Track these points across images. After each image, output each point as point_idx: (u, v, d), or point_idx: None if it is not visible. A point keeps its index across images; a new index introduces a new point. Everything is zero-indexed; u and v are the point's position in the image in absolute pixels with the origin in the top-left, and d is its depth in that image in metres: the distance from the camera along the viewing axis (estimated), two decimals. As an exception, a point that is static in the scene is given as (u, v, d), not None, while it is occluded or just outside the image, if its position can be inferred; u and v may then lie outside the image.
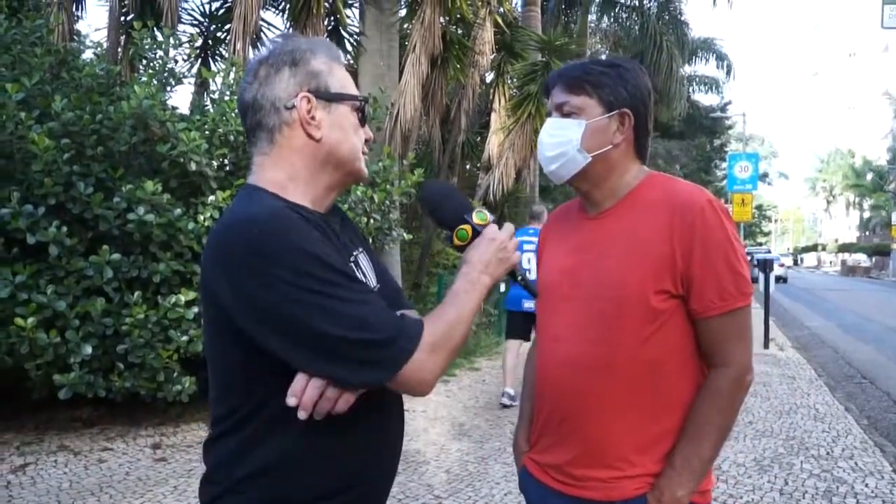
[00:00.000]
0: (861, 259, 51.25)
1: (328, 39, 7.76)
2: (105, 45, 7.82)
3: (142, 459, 4.51)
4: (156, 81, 5.37)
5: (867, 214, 58.19)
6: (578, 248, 1.47)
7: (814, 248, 78.03)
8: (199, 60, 9.20)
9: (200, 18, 9.79)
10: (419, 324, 1.11)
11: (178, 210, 4.73)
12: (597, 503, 1.39)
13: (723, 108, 29.99)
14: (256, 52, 1.26)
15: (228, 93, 5.74)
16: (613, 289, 1.37)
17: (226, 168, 5.32)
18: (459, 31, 10.20)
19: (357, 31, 9.14)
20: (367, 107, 1.30)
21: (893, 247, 44.44)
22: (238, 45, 7.18)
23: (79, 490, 3.96)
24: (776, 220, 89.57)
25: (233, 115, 5.17)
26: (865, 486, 4.17)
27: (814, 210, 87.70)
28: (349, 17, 9.78)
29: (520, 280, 1.32)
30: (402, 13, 9.57)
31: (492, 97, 12.48)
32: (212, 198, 4.94)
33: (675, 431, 1.36)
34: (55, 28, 6.60)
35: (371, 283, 1.28)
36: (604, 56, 17.78)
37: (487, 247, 1.23)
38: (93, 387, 4.60)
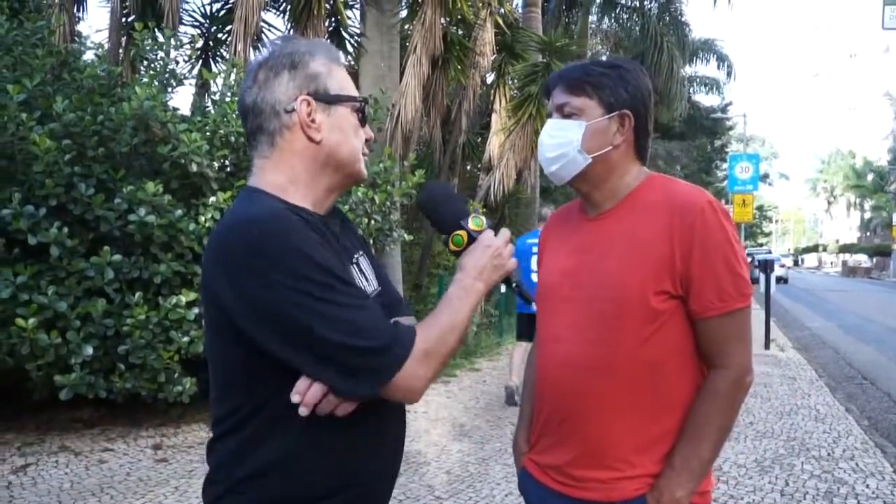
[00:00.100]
0: (862, 260, 51.17)
1: (327, 41, 7.79)
2: (106, 47, 7.83)
3: (143, 460, 4.51)
4: (157, 82, 5.37)
5: (868, 215, 58.16)
6: (579, 249, 1.48)
7: (814, 249, 77.95)
8: (200, 62, 9.19)
9: (201, 20, 9.79)
10: (412, 331, 1.11)
11: (179, 211, 4.74)
12: (596, 504, 1.40)
13: (723, 109, 29.97)
14: (257, 54, 1.26)
15: (229, 94, 5.74)
16: (613, 290, 1.37)
17: (227, 169, 5.33)
18: (460, 32, 10.19)
19: (358, 33, 9.14)
20: (367, 107, 1.30)
21: (894, 247, 44.41)
22: (239, 47, 7.18)
23: (80, 491, 3.97)
24: (777, 221, 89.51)
25: (234, 117, 5.17)
26: (866, 487, 4.17)
27: (814, 211, 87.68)
28: (350, 19, 9.79)
29: (514, 287, 1.32)
30: (403, 14, 9.56)
31: (492, 98, 12.47)
32: (213, 199, 4.95)
33: (675, 432, 1.37)
34: (56, 29, 6.61)
35: (371, 287, 1.28)
36: (604, 57, 17.79)
37: (482, 253, 1.23)
38: (94, 387, 4.61)
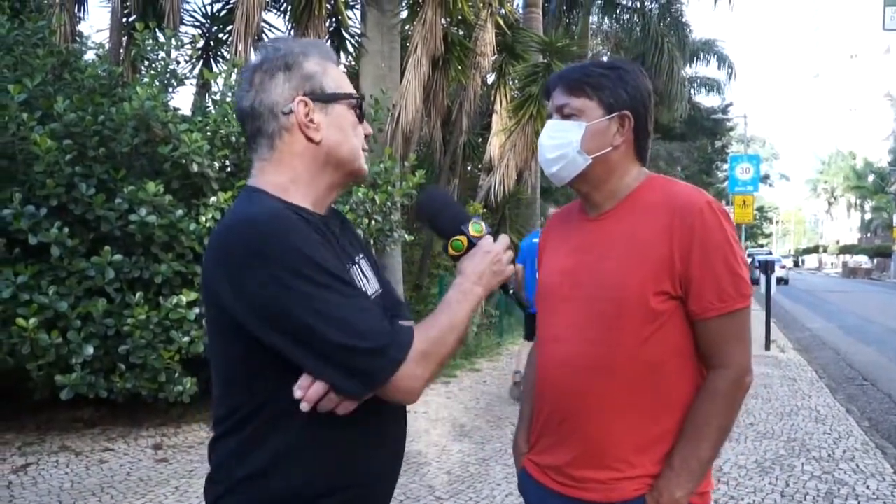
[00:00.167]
0: (862, 261, 51.10)
1: (321, 40, 7.79)
2: (107, 47, 7.84)
3: (143, 460, 4.51)
4: (158, 83, 5.38)
5: (868, 216, 58.10)
6: (579, 250, 1.48)
7: (815, 250, 77.89)
8: (201, 62, 9.20)
9: (202, 20, 9.79)
10: (410, 332, 1.11)
11: (180, 211, 4.74)
12: (596, 504, 1.40)
13: (724, 110, 29.98)
14: (256, 55, 1.26)
15: (230, 94, 5.75)
16: (613, 290, 1.37)
17: (227, 169, 5.33)
18: (461, 33, 10.20)
19: (359, 33, 9.14)
20: (364, 103, 1.30)
21: (895, 248, 44.38)
22: (240, 47, 7.18)
23: (80, 490, 3.97)
24: (777, 222, 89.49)
25: (234, 117, 5.18)
26: (867, 488, 4.17)
27: (815, 212, 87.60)
28: (351, 19, 9.79)
29: (511, 293, 1.33)
30: (404, 15, 9.57)
31: (493, 98, 12.48)
32: (213, 199, 4.95)
33: (675, 432, 1.37)
34: (57, 29, 6.62)
35: (372, 289, 1.28)
36: (605, 58, 17.80)
37: (482, 259, 1.24)
38: (94, 387, 4.61)
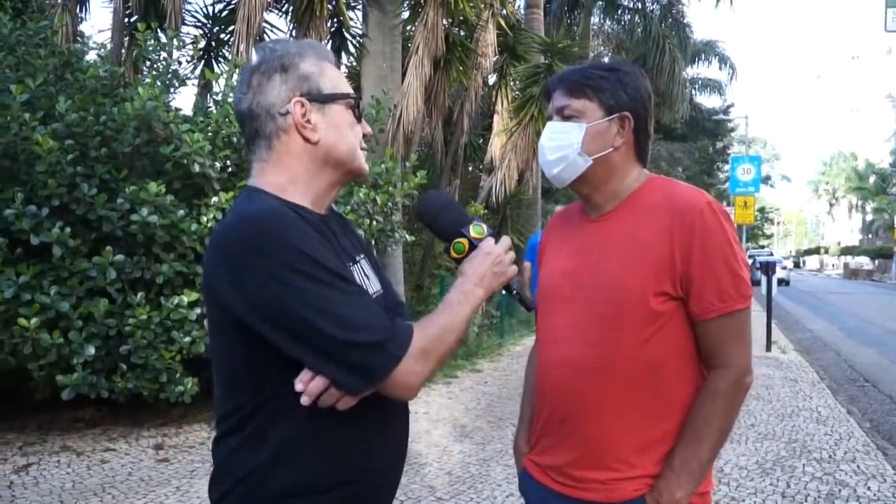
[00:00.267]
0: (864, 262, 51.00)
1: (320, 40, 7.80)
2: (109, 47, 7.86)
3: (144, 460, 4.52)
4: (159, 83, 5.39)
5: (870, 217, 57.98)
6: (579, 251, 1.48)
7: (816, 251, 77.75)
8: (203, 62, 9.20)
9: (204, 20, 9.80)
10: (409, 329, 1.12)
11: (182, 211, 4.75)
12: (596, 504, 1.40)
13: (725, 111, 29.97)
14: (254, 57, 1.27)
15: (232, 94, 5.75)
16: (614, 291, 1.37)
17: (229, 169, 5.33)
18: (462, 34, 10.21)
19: (360, 33, 9.15)
20: (364, 103, 1.31)
21: (896, 250, 44.34)
22: (241, 47, 7.18)
23: (81, 490, 3.98)
24: (778, 223, 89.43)
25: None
26: (868, 490, 4.17)
27: (816, 213, 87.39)
28: (352, 19, 9.80)
29: (514, 294, 1.33)
30: (405, 15, 9.58)
31: (494, 99, 12.49)
32: (215, 199, 4.96)
33: (675, 433, 1.37)
34: (59, 29, 6.63)
35: (373, 288, 1.29)
36: (606, 58, 17.81)
37: (483, 260, 1.24)
38: (95, 387, 4.62)
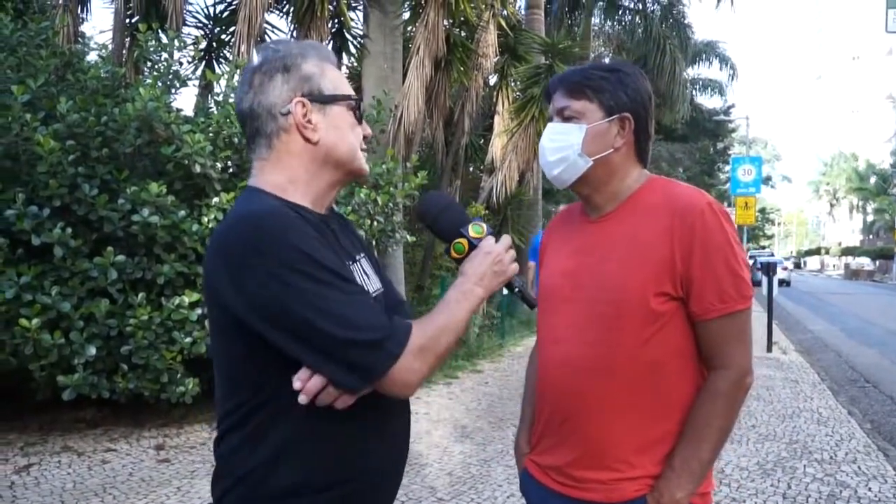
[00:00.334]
0: (864, 263, 50.97)
1: (322, 41, 7.80)
2: (110, 48, 7.86)
3: (145, 460, 4.52)
4: (160, 84, 5.40)
5: (870, 218, 57.93)
6: (580, 251, 1.48)
7: (817, 252, 77.72)
8: (204, 63, 9.21)
9: (205, 21, 9.81)
10: (408, 327, 1.12)
11: (183, 212, 4.75)
12: (597, 504, 1.40)
13: (726, 112, 29.95)
14: (256, 57, 1.27)
15: (233, 95, 5.76)
16: (614, 291, 1.37)
17: (230, 170, 5.33)
18: (463, 34, 10.21)
19: (361, 34, 9.16)
20: (365, 104, 1.32)
21: (897, 250, 44.28)
22: (242, 48, 7.19)
23: (82, 491, 3.98)
24: (779, 224, 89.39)
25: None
26: (869, 491, 4.16)
27: (817, 213, 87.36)
28: (353, 20, 9.80)
29: (516, 292, 1.33)
30: (406, 16, 9.59)
31: (495, 100, 12.50)
32: (216, 199, 4.96)
33: (675, 433, 1.37)
34: (60, 30, 6.63)
35: (373, 287, 1.29)
36: (607, 59, 17.81)
37: (483, 260, 1.24)
38: (96, 388, 4.62)
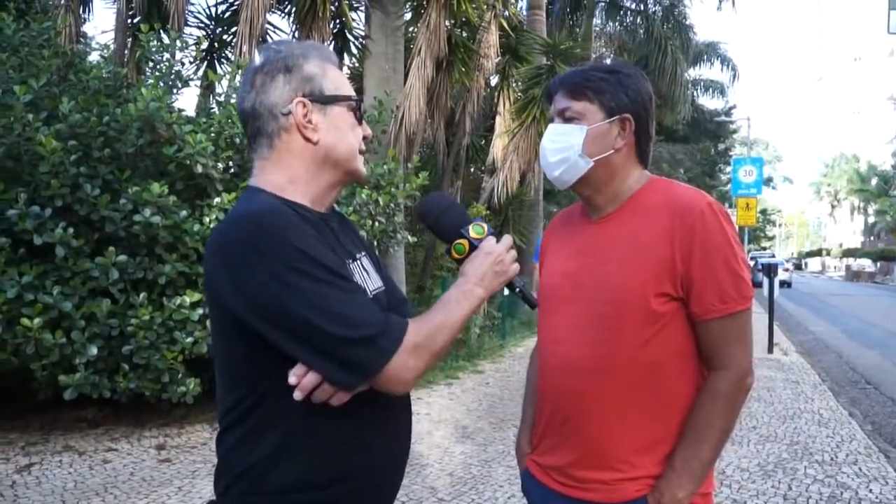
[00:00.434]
0: (866, 264, 50.87)
1: (323, 41, 7.81)
2: (112, 48, 7.87)
3: (146, 460, 4.53)
4: (162, 84, 5.40)
5: (872, 219, 57.93)
6: (580, 252, 1.49)
7: (818, 253, 77.64)
8: (206, 63, 9.23)
9: (207, 21, 9.84)
10: (404, 324, 1.13)
11: (184, 212, 4.76)
12: (598, 504, 1.40)
13: (727, 112, 29.95)
14: (258, 57, 1.29)
15: (234, 95, 5.77)
16: (614, 292, 1.38)
17: (231, 170, 5.34)
18: (464, 35, 10.23)
19: (362, 35, 9.18)
20: (366, 104, 1.32)
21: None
22: (244, 48, 7.20)
23: (83, 490, 3.98)
24: (780, 225, 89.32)
25: (238, 118, 5.19)
26: (869, 492, 4.16)
27: (818, 214, 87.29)
28: (355, 21, 9.83)
29: (517, 292, 1.33)
30: (408, 16, 9.60)
31: (496, 100, 12.51)
32: (217, 200, 4.96)
33: (676, 433, 1.37)
34: (62, 30, 6.65)
35: (374, 285, 1.30)
36: (608, 60, 17.81)
37: (483, 260, 1.24)
38: (98, 387, 4.62)
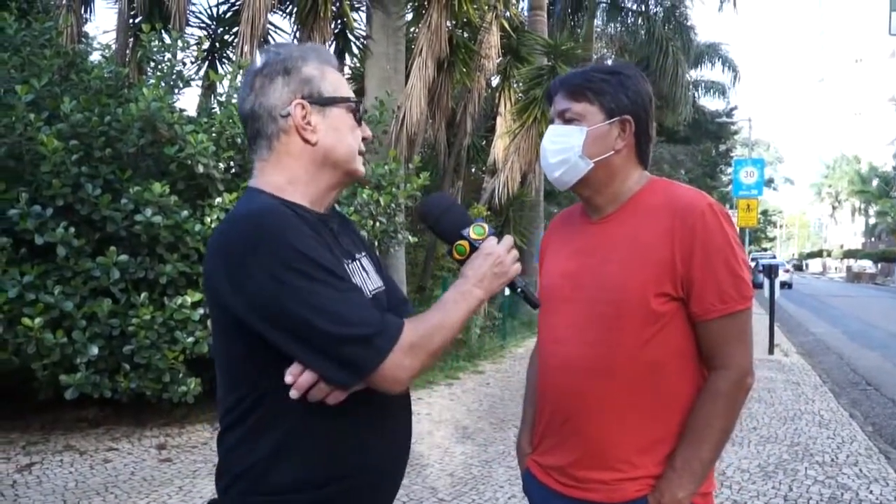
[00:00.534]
0: (866, 265, 50.82)
1: (324, 42, 7.81)
2: (113, 48, 7.86)
3: (147, 460, 4.53)
4: (164, 84, 5.40)
5: (873, 220, 57.84)
6: (580, 252, 1.49)
7: (819, 255, 77.59)
8: (207, 63, 9.24)
9: (208, 21, 9.85)
10: (400, 323, 1.13)
11: (185, 212, 4.76)
12: (598, 504, 1.40)
13: (728, 114, 29.95)
14: (259, 60, 1.30)
15: (235, 95, 5.77)
16: (614, 292, 1.38)
17: (232, 170, 5.35)
18: (466, 35, 10.23)
19: (364, 35, 9.18)
20: (367, 105, 1.33)
21: (899, 253, 44.17)
22: (245, 48, 7.20)
23: (84, 490, 3.99)
24: (781, 226, 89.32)
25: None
26: (870, 493, 4.16)
27: (819, 216, 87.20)
28: (356, 21, 9.84)
29: (519, 292, 1.32)
30: (409, 17, 9.61)
31: (497, 101, 12.50)
32: (218, 200, 4.97)
33: (676, 433, 1.38)
34: (64, 30, 6.65)
35: (373, 285, 1.30)
36: (610, 61, 17.80)
37: (483, 262, 1.24)
38: (99, 387, 4.63)
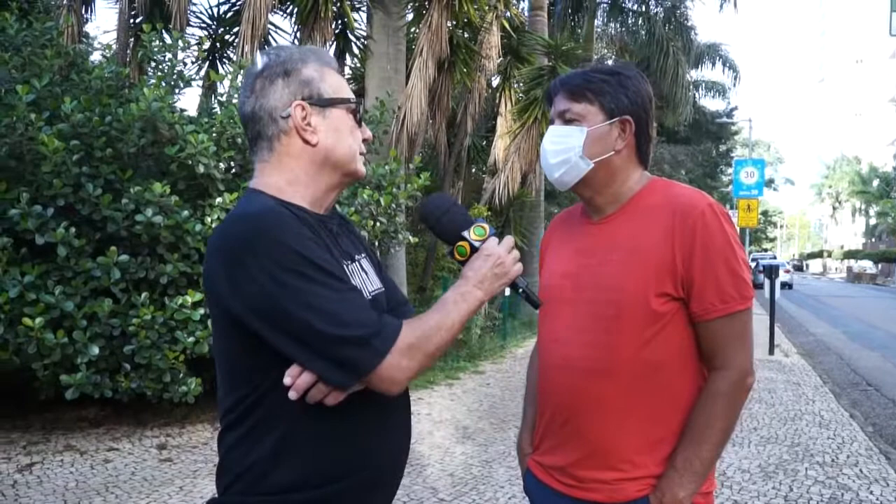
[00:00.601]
0: (867, 266, 50.83)
1: (325, 43, 7.81)
2: (114, 48, 7.87)
3: (147, 460, 4.53)
4: (164, 84, 5.40)
5: (873, 221, 57.80)
6: (581, 252, 1.49)
7: (819, 255, 77.60)
8: (208, 63, 9.25)
9: (209, 21, 9.87)
10: (397, 325, 1.13)
11: (186, 212, 4.76)
12: (600, 504, 1.41)
13: (729, 114, 29.95)
14: (259, 61, 1.31)
15: (236, 95, 5.77)
16: (614, 292, 1.38)
17: (233, 170, 5.35)
18: (466, 36, 10.22)
19: (364, 35, 9.19)
20: (368, 106, 1.33)
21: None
22: (246, 48, 7.21)
23: (85, 490, 3.99)
24: (782, 226, 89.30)
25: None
26: (870, 494, 4.16)
27: (819, 216, 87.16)
28: (357, 21, 9.84)
29: (521, 292, 1.32)
30: (409, 17, 9.61)
31: (498, 101, 12.51)
32: (219, 200, 4.97)
33: (677, 433, 1.38)
34: (65, 30, 6.66)
35: (372, 286, 1.30)
36: (610, 61, 17.79)
37: (483, 263, 1.24)
38: (99, 387, 4.63)
